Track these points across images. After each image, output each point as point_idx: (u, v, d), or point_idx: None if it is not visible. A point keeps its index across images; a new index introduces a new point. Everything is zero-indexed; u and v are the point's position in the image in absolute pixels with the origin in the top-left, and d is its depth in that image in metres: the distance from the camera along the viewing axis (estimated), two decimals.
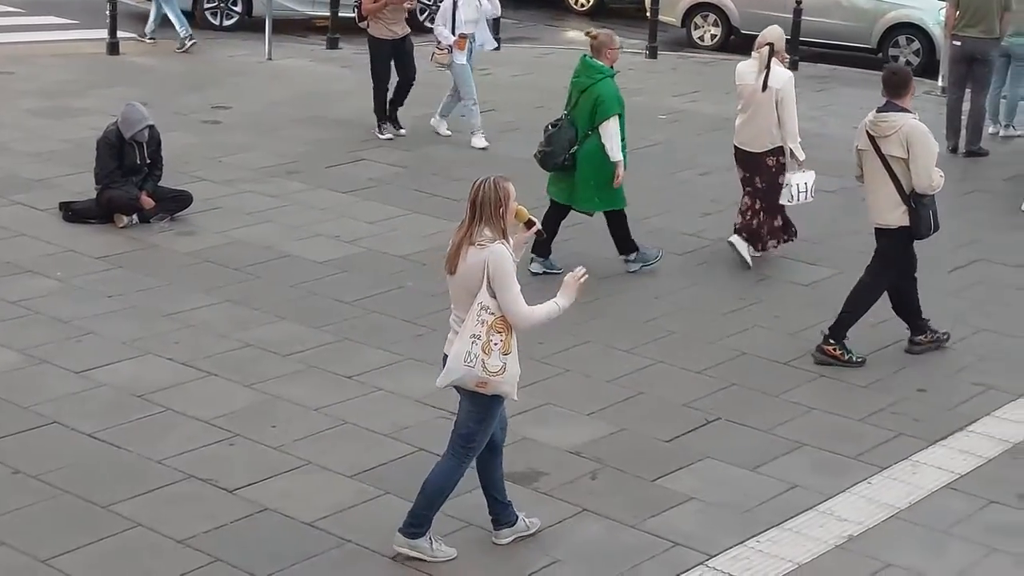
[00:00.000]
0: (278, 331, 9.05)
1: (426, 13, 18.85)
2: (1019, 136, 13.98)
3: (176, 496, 7.00)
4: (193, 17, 19.21)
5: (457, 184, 12.34)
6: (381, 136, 13.60)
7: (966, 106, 13.70)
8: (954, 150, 13.67)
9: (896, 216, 8.59)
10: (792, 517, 7.00)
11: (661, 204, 11.98)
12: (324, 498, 7.02)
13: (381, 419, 7.88)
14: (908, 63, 17.81)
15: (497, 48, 14.29)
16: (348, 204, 11.76)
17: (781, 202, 10.36)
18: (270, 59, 17.10)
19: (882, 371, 8.74)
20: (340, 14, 18.21)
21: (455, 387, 6.41)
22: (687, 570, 6.52)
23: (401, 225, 11.26)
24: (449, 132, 13.75)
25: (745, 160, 10.51)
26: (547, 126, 10.22)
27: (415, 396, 8.18)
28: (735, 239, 10.54)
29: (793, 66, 17.03)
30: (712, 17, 19.29)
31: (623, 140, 9.99)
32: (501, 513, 6.67)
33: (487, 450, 6.58)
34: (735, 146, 10.59)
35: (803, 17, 17.11)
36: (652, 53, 18.07)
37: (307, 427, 7.76)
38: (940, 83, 15.96)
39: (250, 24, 19.05)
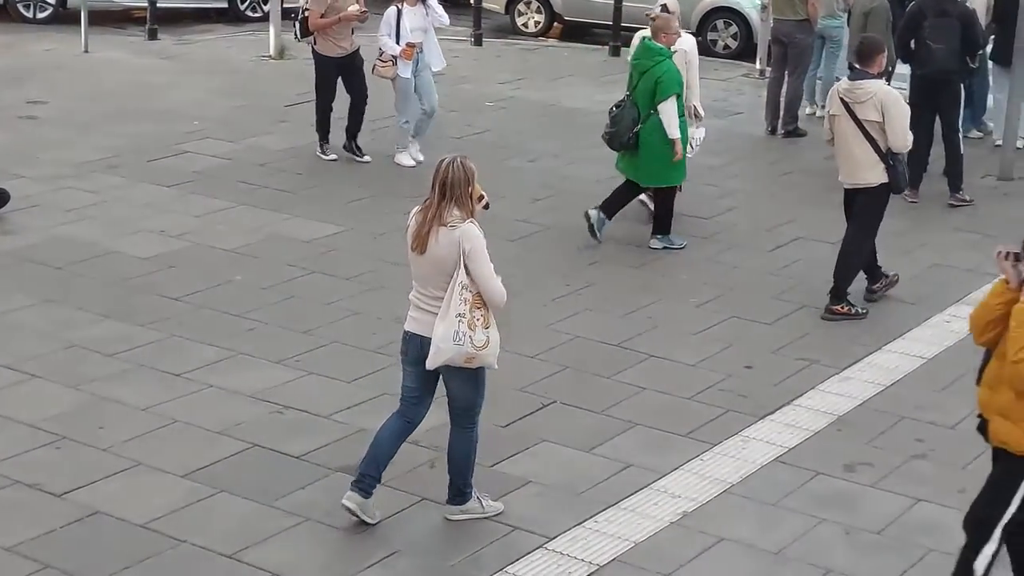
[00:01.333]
0: (103, 330, 8.84)
1: None
2: None
3: (2, 503, 6.79)
4: (5, 10, 18.66)
5: (283, 175, 12.22)
6: (325, 157, 12.50)
7: (785, 88, 14.02)
8: (773, 131, 13.99)
9: (876, 174, 9.28)
10: (627, 496, 7.10)
11: (491, 191, 11.82)
12: (156, 499, 6.88)
13: (212, 416, 7.76)
14: (727, 47, 18.20)
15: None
16: (172, 198, 11.53)
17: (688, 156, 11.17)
18: (87, 52, 16.65)
19: (710, 349, 8.91)
20: (159, 4, 17.84)
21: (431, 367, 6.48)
22: (526, 553, 6.56)
23: (228, 218, 11.08)
24: (422, 157, 12.33)
25: None
26: (611, 108, 10.71)
27: (247, 392, 8.06)
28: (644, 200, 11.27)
29: (615, 52, 17.26)
30: (535, 4, 19.39)
31: (681, 118, 10.42)
32: (370, 486, 6.67)
33: (404, 420, 6.69)
34: None
35: (624, 3, 17.32)
36: (477, 40, 18.11)
37: (136, 427, 7.59)
38: (758, 66, 16.31)
39: (65, 16, 18.53)
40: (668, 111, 10.30)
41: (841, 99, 9.31)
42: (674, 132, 10.31)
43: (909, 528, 6.90)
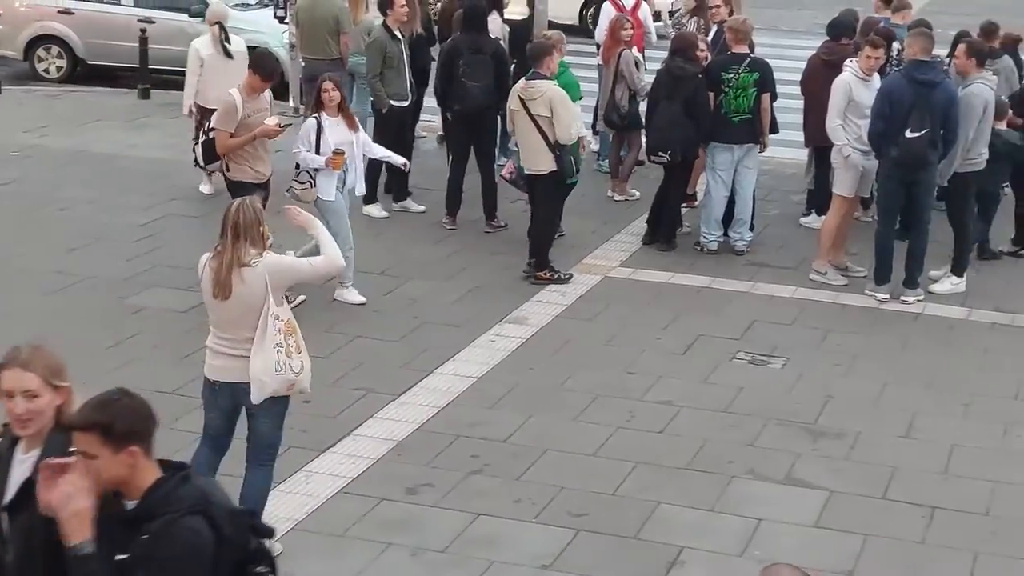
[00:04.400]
0: None
1: None
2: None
3: None
4: None
5: None
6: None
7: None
8: None
9: (547, 162, 10.78)
10: None
11: (24, 243, 11.49)
12: None
13: None
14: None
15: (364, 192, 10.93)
16: None
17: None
18: None
19: None
20: None
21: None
22: None
23: None
24: (363, 299, 10.40)
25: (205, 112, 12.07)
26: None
27: None
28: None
29: (145, 94, 16.90)
30: (56, 49, 18.67)
31: None
32: None
33: (214, 451, 6.90)
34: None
35: (151, 45, 17.00)
36: None
37: None
38: (292, 104, 16.42)
39: None
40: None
41: (519, 96, 10.76)
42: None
43: (471, 542, 7.15)
